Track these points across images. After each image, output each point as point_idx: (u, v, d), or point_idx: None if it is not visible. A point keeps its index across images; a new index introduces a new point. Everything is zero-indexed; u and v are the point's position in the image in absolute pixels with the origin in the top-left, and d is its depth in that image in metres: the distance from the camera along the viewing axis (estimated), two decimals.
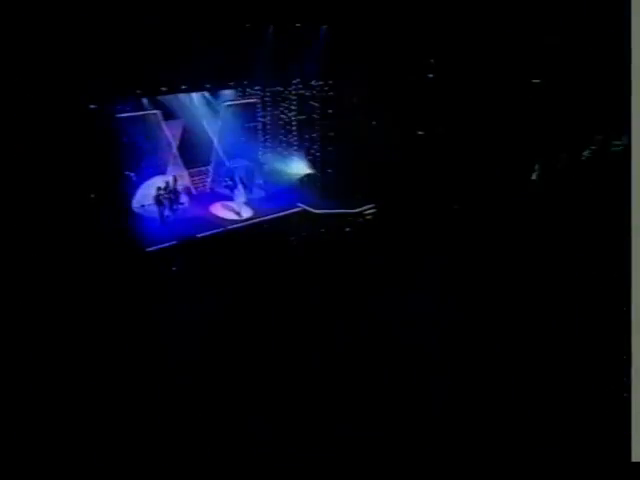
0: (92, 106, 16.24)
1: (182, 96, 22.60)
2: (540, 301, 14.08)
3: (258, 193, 24.16)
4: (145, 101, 21.67)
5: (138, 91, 19.36)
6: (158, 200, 21.11)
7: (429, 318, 12.92)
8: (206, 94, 23.36)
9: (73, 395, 10.72)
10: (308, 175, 24.52)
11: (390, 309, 13.71)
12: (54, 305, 13.88)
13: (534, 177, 19.18)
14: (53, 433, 9.71)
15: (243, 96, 24.76)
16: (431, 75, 20.34)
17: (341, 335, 12.78)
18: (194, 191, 24.33)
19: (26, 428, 9.77)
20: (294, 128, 24.89)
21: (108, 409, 10.38)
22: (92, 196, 16.81)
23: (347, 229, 20.40)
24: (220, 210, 22.20)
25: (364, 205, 21.73)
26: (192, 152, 23.85)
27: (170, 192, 21.88)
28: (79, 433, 9.74)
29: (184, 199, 22.77)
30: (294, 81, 23.55)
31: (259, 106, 25.19)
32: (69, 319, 13.38)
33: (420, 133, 20.82)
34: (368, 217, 21.42)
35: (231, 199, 22.58)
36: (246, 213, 21.69)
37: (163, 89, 20.18)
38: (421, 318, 12.94)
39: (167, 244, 18.64)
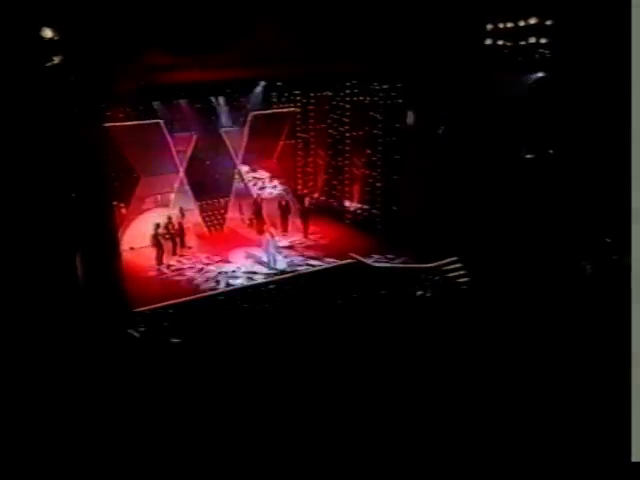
0: (71, 110, 15.76)
1: (194, 101, 22.25)
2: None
3: (295, 236, 23.34)
4: (143, 106, 21.07)
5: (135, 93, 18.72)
6: (157, 241, 20.38)
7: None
8: (227, 99, 23.00)
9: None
10: (364, 213, 23.84)
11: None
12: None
13: None
14: None
15: (278, 103, 24.16)
16: (542, 73, 19.05)
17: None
18: (207, 231, 23.57)
19: None
20: (347, 148, 23.95)
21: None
22: (65, 232, 16.20)
23: (419, 292, 19.49)
24: (244, 259, 21.15)
25: (443, 258, 20.61)
26: (206, 177, 23.33)
27: (173, 231, 21.22)
28: None
29: (193, 242, 22.10)
30: (348, 83, 22.65)
31: (299, 117, 24.83)
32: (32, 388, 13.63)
33: (529, 157, 19.75)
34: (449, 275, 20.30)
35: (259, 244, 21.63)
36: (279, 264, 20.61)
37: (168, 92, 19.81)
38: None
39: (165, 303, 17.77)
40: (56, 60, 15.07)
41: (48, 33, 14.74)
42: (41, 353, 14.68)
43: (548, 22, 18.33)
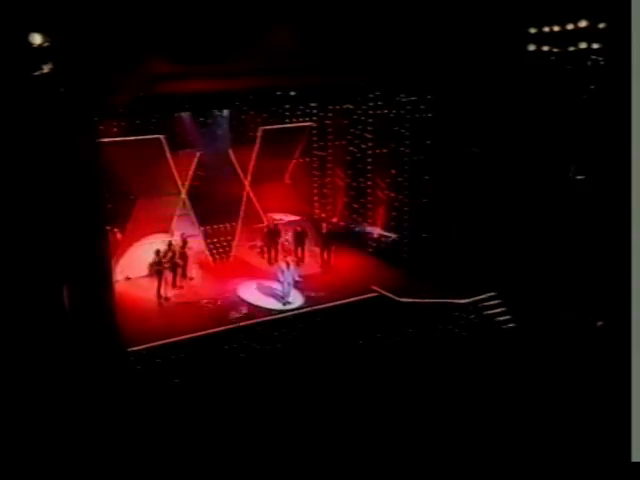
0: (61, 124, 15.53)
1: (198, 114, 22.07)
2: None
3: (312, 266, 22.96)
4: (141, 120, 20.78)
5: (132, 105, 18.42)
6: (156, 270, 20.24)
7: None
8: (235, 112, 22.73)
9: None
10: (390, 240, 23.41)
11: None
12: None
13: None
14: None
15: (291, 117, 23.76)
16: (594, 84, 18.56)
17: None
18: (212, 259, 23.18)
19: None
20: (370, 167, 23.61)
21: None
22: (52, 259, 16.15)
23: (455, 330, 19.25)
24: (254, 293, 20.83)
25: (479, 293, 20.31)
26: (211, 200, 22.81)
27: (174, 260, 20.84)
28: None
29: (196, 272, 21.81)
30: (371, 95, 22.25)
31: (316, 132, 24.39)
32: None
33: (580, 178, 19.21)
34: (487, 313, 19.90)
35: (272, 275, 21.25)
36: (294, 298, 20.28)
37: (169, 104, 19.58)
38: None
39: (164, 341, 17.48)
40: (45, 69, 14.92)
41: (37, 39, 14.56)
42: (22, 397, 14.38)
43: (601, 25, 17.76)
